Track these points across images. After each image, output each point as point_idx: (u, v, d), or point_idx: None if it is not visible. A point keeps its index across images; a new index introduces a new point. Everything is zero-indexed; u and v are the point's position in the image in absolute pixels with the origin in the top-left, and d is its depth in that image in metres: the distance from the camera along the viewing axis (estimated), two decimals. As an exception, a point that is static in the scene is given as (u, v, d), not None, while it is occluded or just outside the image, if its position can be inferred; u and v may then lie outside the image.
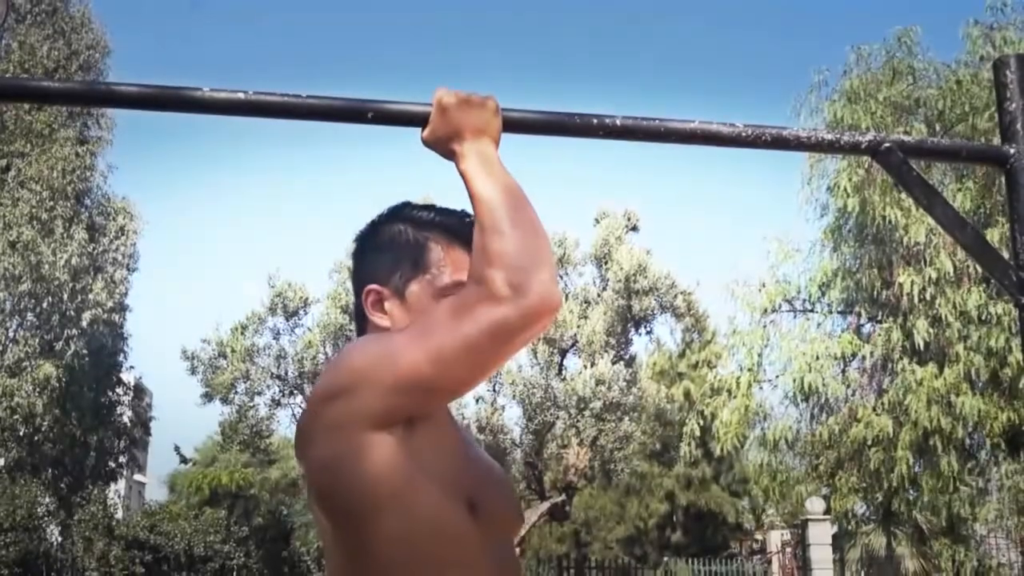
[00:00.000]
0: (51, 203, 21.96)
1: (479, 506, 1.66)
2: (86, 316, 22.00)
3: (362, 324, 1.84)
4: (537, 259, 1.53)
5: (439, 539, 1.60)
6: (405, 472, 1.59)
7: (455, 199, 1.79)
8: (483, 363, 1.58)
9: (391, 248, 1.82)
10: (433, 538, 1.60)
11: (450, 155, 1.66)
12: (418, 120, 1.70)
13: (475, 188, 1.60)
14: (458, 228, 1.79)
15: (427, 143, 1.69)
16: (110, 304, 22.82)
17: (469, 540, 1.63)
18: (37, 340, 21.35)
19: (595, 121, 1.79)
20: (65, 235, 22.02)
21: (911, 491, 17.51)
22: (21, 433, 21.11)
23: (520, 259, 1.52)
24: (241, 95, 1.69)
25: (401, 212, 1.86)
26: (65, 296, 21.69)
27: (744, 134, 1.84)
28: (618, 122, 1.79)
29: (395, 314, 1.78)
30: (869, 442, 16.47)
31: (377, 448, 1.58)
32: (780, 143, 1.87)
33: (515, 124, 1.74)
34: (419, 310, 1.75)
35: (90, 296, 22.24)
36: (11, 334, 21.62)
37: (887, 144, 1.88)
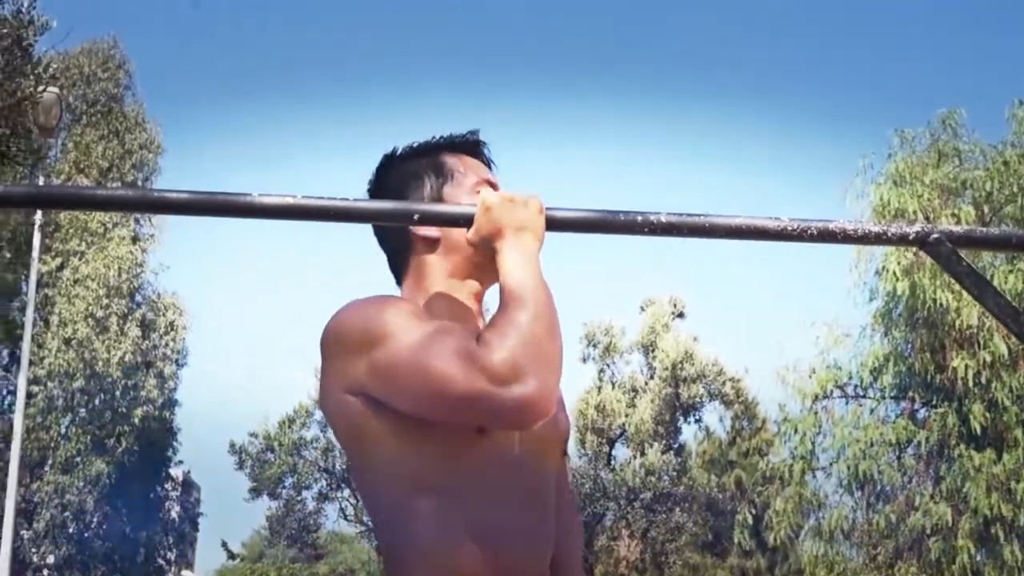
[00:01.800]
0: (106, 300, 22.36)
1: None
2: (138, 412, 22.19)
3: (405, 254, 1.85)
4: (547, 360, 1.54)
5: (444, 467, 1.62)
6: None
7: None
8: (439, 410, 1.57)
9: (412, 167, 1.87)
10: (438, 466, 1.62)
11: (493, 253, 1.68)
12: (463, 221, 1.72)
13: (506, 280, 1.63)
14: (461, 142, 1.89)
15: (471, 243, 1.72)
16: (161, 400, 23.02)
17: (480, 461, 1.63)
18: (89, 437, 21.53)
19: (639, 218, 1.79)
20: (119, 332, 22.36)
21: (974, 582, 17.01)
22: (71, 531, 21.19)
23: (530, 351, 1.53)
24: (290, 199, 1.72)
25: (399, 149, 1.91)
26: (117, 393, 21.93)
27: (789, 228, 1.83)
28: (663, 219, 1.80)
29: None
30: (928, 531, 16.07)
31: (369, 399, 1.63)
32: (826, 236, 1.86)
33: (559, 223, 1.75)
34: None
35: (142, 392, 22.47)
36: (63, 431, 21.84)
37: (935, 235, 1.86)
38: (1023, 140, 16.71)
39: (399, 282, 1.87)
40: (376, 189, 1.90)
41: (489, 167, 1.92)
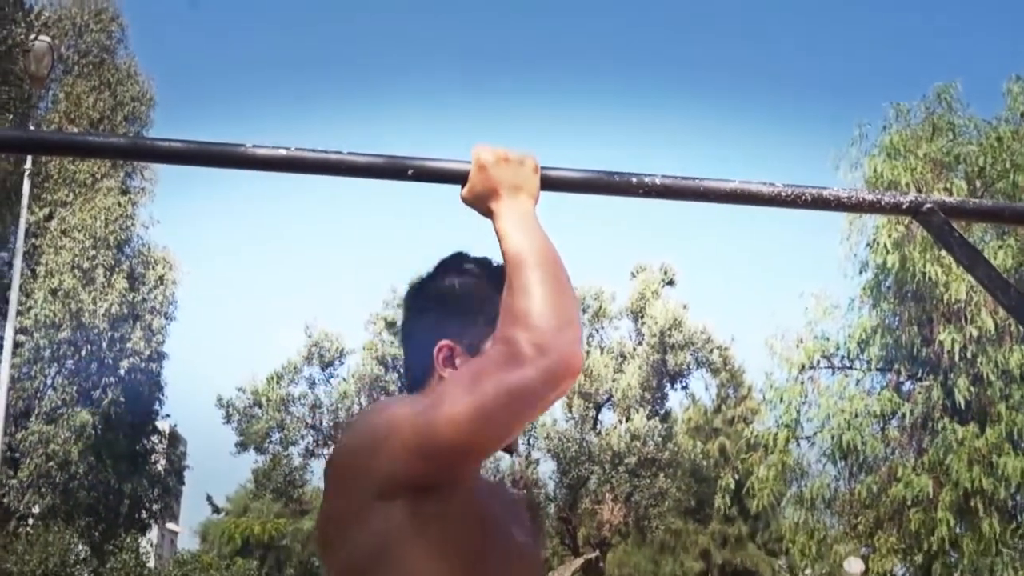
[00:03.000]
0: (93, 252, 22.26)
1: None
2: (124, 364, 22.16)
3: (424, 379, 1.76)
4: (562, 320, 1.50)
5: None
6: (403, 545, 1.57)
7: (495, 257, 1.78)
8: (503, 426, 1.53)
9: (461, 302, 1.78)
10: None
11: (488, 213, 1.65)
12: (457, 178, 1.70)
13: (507, 246, 1.59)
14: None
15: (466, 201, 1.68)
16: (147, 352, 22.98)
17: None
18: (75, 388, 21.52)
19: (634, 180, 1.78)
20: (106, 284, 22.29)
21: (952, 553, 17.17)
22: (56, 480, 21.23)
23: (545, 320, 1.49)
24: (282, 151, 1.70)
25: (463, 264, 1.83)
26: (104, 344, 21.89)
27: (784, 194, 1.82)
28: (657, 181, 1.78)
29: None
30: (909, 502, 16.21)
31: (380, 515, 1.57)
32: (820, 203, 1.85)
33: (554, 183, 1.74)
34: None
35: (128, 345, 22.43)
36: (49, 381, 21.82)
37: (928, 205, 1.86)
38: (1017, 116, 16.70)
39: (411, 391, 1.78)
40: (423, 305, 1.83)
41: None
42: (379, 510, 1.57)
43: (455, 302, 1.78)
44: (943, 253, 15.62)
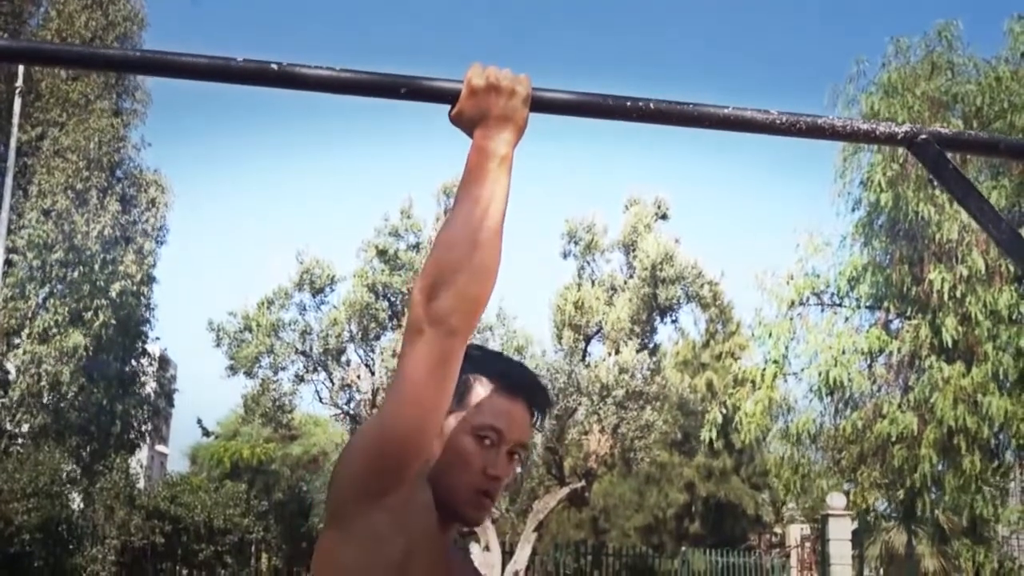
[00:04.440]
0: (86, 173, 22.14)
1: None
2: (115, 287, 22.15)
3: None
4: (456, 282, 1.56)
5: None
6: (361, 564, 1.65)
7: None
8: (431, 391, 1.60)
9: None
10: None
11: (471, 137, 1.66)
12: (450, 97, 1.68)
13: (460, 184, 1.64)
14: (512, 378, 1.84)
15: (453, 121, 1.68)
16: (139, 276, 22.97)
17: None
18: (66, 309, 21.52)
19: (628, 104, 1.76)
20: (99, 206, 22.20)
21: (933, 490, 17.40)
22: (47, 400, 21.32)
23: (437, 279, 1.56)
24: (274, 66, 1.67)
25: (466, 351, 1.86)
26: (96, 266, 21.85)
27: (778, 121, 1.81)
28: (652, 105, 1.77)
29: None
30: (893, 439, 16.38)
31: (365, 522, 1.66)
32: (815, 131, 1.84)
33: (546, 104, 1.72)
34: (452, 444, 1.79)
35: (120, 267, 22.40)
36: (41, 301, 21.82)
37: (923, 136, 1.84)
38: (1017, 56, 16.57)
39: None
40: None
41: (532, 413, 1.87)
42: (360, 525, 1.66)
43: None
44: (936, 192, 15.62)
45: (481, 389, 1.82)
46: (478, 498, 1.79)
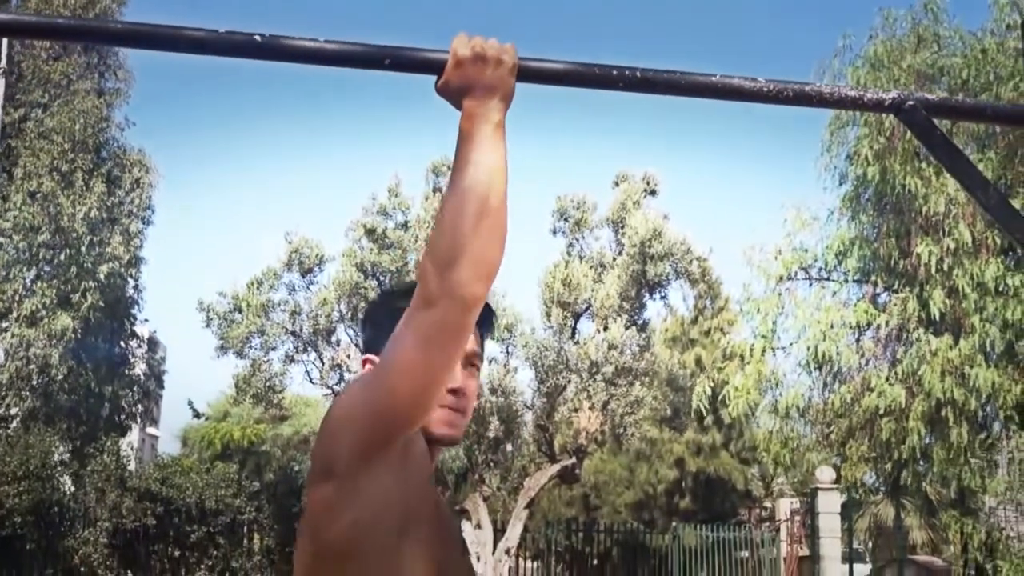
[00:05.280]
0: (71, 155, 22.02)
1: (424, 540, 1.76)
2: (103, 269, 22.08)
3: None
4: (468, 254, 1.55)
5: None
6: (364, 521, 1.70)
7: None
8: (429, 371, 1.62)
9: (378, 321, 1.96)
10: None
11: (459, 108, 1.65)
12: (436, 68, 1.67)
13: (456, 155, 1.62)
14: None
15: (439, 92, 1.67)
16: (126, 257, 22.90)
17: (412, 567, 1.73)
18: (54, 291, 21.46)
19: (615, 72, 1.76)
20: (84, 187, 22.09)
21: (921, 462, 17.49)
22: (36, 383, 21.28)
23: (450, 253, 1.55)
24: (257, 38, 1.67)
25: (390, 289, 1.99)
26: (83, 248, 21.78)
27: (766, 89, 1.81)
28: (638, 74, 1.76)
29: None
30: (881, 412, 16.44)
31: (357, 486, 1.69)
32: (802, 99, 1.84)
33: (533, 74, 1.71)
34: None
35: (107, 249, 22.32)
36: (28, 284, 21.74)
37: (911, 102, 1.84)
38: (1003, 27, 16.56)
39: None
40: (360, 328, 2.09)
41: (482, 325, 1.93)
42: (363, 480, 1.69)
43: (372, 322, 2.01)
44: (923, 165, 15.64)
45: None
46: (446, 413, 1.87)
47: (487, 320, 1.96)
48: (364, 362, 1.99)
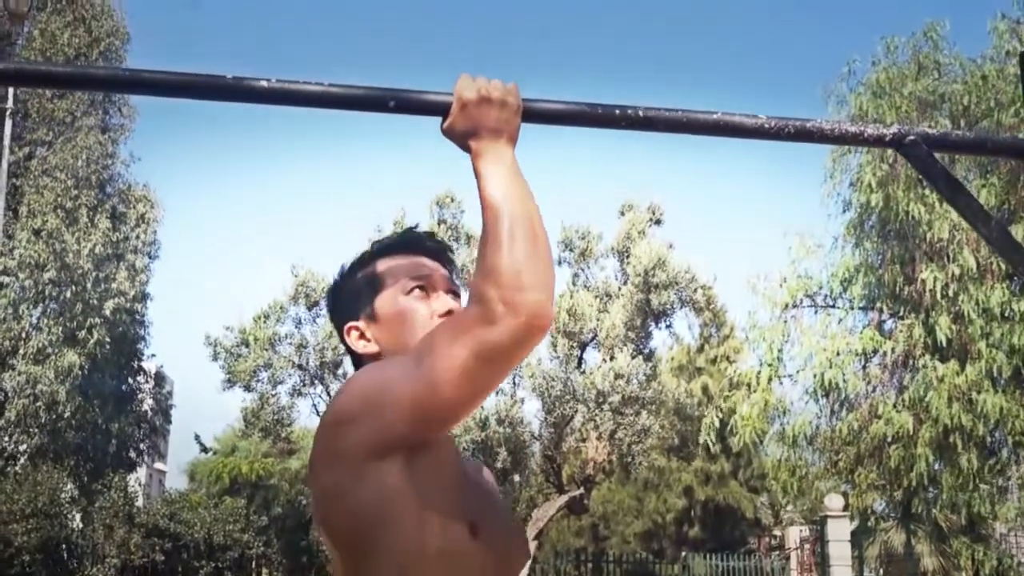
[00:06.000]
0: (75, 192, 22.11)
1: (480, 528, 1.68)
2: (109, 305, 22.12)
3: (356, 361, 1.90)
4: (533, 278, 1.54)
5: (440, 562, 1.63)
6: (405, 500, 1.63)
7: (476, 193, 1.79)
8: (478, 385, 1.59)
9: (352, 285, 1.93)
10: (433, 562, 1.63)
11: (467, 150, 1.66)
12: (439, 110, 1.69)
13: (484, 193, 1.61)
14: (399, 240, 1.94)
15: (446, 135, 1.68)
16: (132, 292, 22.94)
17: (470, 561, 1.66)
18: (60, 328, 21.49)
19: (617, 112, 1.78)
20: (89, 224, 22.17)
21: (931, 489, 17.40)
22: (44, 420, 21.27)
23: (515, 278, 1.53)
24: (264, 83, 1.69)
25: (345, 268, 1.98)
26: (88, 284, 21.82)
27: (767, 126, 1.82)
28: (640, 113, 1.78)
29: (377, 336, 1.86)
30: (889, 439, 16.39)
31: (377, 476, 1.62)
32: (803, 135, 1.86)
33: (537, 114, 1.73)
34: (395, 317, 1.84)
35: (113, 285, 22.37)
36: (35, 321, 21.78)
37: (912, 137, 1.86)
38: (1003, 54, 16.63)
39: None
40: (331, 311, 1.99)
41: (436, 255, 1.94)
42: (373, 470, 1.62)
43: (347, 289, 1.94)
44: (926, 192, 15.65)
45: (383, 264, 1.90)
46: None
47: (440, 248, 1.98)
48: (349, 329, 1.88)
